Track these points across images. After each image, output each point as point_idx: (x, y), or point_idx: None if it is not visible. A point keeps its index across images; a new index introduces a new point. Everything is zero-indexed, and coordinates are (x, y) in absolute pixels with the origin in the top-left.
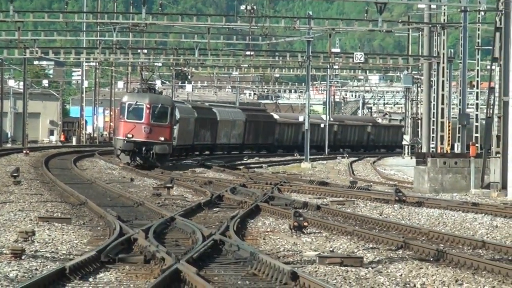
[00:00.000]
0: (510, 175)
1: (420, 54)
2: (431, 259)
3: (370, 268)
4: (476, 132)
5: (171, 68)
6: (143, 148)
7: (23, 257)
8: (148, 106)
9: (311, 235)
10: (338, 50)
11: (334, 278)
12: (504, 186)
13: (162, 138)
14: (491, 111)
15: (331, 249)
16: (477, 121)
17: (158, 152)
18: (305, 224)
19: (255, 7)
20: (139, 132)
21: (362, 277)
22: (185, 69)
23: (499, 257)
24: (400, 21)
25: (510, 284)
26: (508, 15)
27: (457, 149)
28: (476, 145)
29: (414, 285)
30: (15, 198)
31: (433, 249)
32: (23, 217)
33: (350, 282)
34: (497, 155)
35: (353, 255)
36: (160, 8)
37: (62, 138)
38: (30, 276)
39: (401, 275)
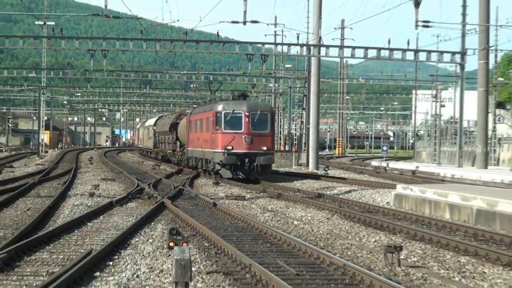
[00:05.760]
0: (310, 160)
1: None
2: (275, 197)
3: (248, 201)
4: (295, 141)
5: (160, 112)
6: (246, 160)
7: (94, 196)
8: (246, 114)
9: (222, 186)
10: None
11: (233, 205)
12: (307, 164)
13: (265, 148)
14: (302, 131)
15: (231, 193)
16: (295, 136)
17: (262, 163)
18: (219, 181)
19: (197, 85)
20: (240, 143)
21: (245, 205)
22: (166, 113)
23: (306, 196)
24: (262, 92)
25: (311, 208)
26: (309, 89)
27: (287, 148)
28: (295, 146)
29: (268, 208)
30: (91, 169)
31: (276, 192)
32: (94, 178)
33: (239, 207)
34: (304, 150)
35: (241, 195)
36: (155, 85)
37: (99, 143)
38: (97, 204)
39: (262, 204)
